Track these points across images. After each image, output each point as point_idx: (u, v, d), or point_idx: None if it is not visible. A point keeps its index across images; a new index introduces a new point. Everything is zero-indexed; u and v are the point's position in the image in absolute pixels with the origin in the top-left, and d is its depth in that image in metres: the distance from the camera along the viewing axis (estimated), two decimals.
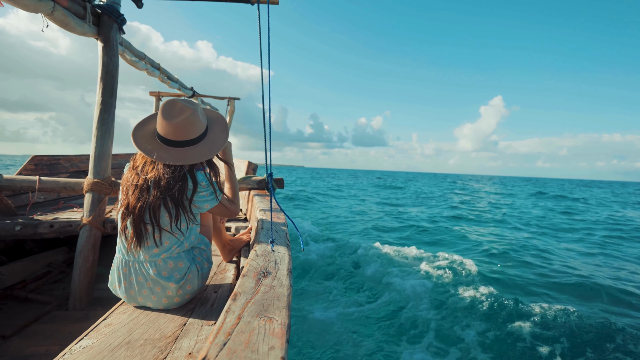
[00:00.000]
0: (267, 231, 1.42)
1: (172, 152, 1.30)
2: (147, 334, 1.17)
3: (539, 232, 11.78)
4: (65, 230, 2.49)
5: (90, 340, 1.12)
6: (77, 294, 2.20)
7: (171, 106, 1.30)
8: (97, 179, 2.35)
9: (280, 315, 0.73)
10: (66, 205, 3.39)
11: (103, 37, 2.38)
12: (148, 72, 3.42)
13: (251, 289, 0.85)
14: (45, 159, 3.99)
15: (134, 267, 1.30)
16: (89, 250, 2.29)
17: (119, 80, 2.47)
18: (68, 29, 2.08)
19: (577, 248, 9.25)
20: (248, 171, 3.64)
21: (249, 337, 0.63)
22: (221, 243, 1.85)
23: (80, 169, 4.50)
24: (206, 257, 1.47)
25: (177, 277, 1.31)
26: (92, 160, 2.37)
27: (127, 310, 1.36)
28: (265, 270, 0.99)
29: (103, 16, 2.36)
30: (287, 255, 1.16)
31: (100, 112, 2.36)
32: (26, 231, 2.42)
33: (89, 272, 2.25)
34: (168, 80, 4.02)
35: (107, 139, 2.39)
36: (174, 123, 1.29)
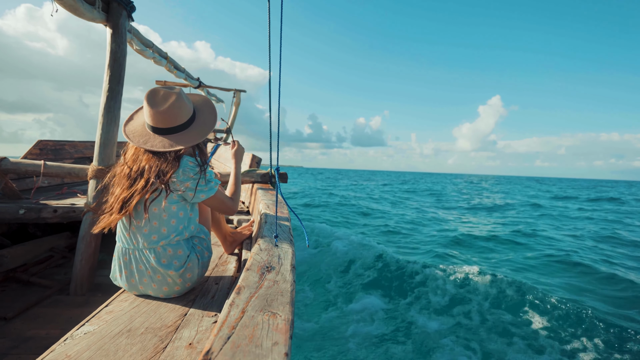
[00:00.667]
0: (271, 225, 1.42)
1: (163, 139, 1.31)
2: (148, 322, 1.18)
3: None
4: (68, 215, 2.50)
5: (92, 327, 1.13)
6: (78, 280, 2.21)
7: (154, 95, 1.31)
8: (102, 166, 2.36)
9: (284, 311, 0.73)
10: (70, 190, 3.40)
11: (112, 24, 2.37)
12: (155, 61, 3.41)
13: (255, 283, 0.85)
14: (50, 144, 4.00)
15: (134, 255, 1.31)
16: (91, 237, 2.30)
17: (125, 81, 2.47)
18: (77, 14, 2.07)
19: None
20: (252, 164, 3.64)
21: (253, 331, 0.63)
22: (222, 235, 1.86)
23: (84, 155, 4.51)
24: (206, 246, 1.48)
25: (177, 264, 1.31)
26: (98, 147, 2.37)
27: (128, 297, 1.37)
28: (269, 264, 0.99)
29: (112, 3, 2.35)
30: (290, 250, 1.16)
31: (107, 99, 2.36)
32: (30, 215, 2.44)
33: (90, 258, 2.27)
34: (175, 69, 4.01)
35: (112, 126, 2.39)
36: (161, 110, 1.30)
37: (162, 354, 1.00)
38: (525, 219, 15.02)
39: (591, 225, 13.49)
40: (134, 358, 0.97)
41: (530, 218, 15.40)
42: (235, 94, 6.03)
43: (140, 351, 1.01)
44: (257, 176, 2.82)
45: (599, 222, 14.70)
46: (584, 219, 15.72)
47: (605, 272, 6.73)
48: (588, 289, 6.05)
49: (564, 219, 15.42)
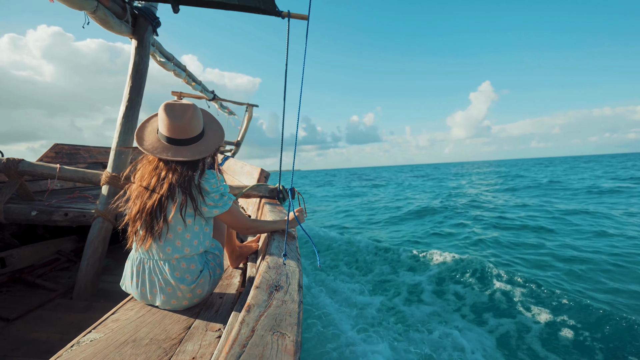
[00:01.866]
0: (279, 242, 1.43)
1: (180, 149, 1.35)
2: (153, 333, 1.18)
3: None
4: (78, 220, 2.54)
5: (98, 334, 1.13)
6: (82, 284, 2.23)
7: (172, 108, 1.35)
8: (115, 173, 2.41)
9: (292, 331, 0.73)
10: (81, 195, 3.46)
11: (137, 37, 2.47)
12: (175, 74, 3.52)
13: (264, 302, 0.86)
14: (66, 147, 4.09)
15: (148, 265, 1.32)
16: (99, 242, 2.33)
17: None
18: (107, 27, 2.17)
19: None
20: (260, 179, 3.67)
21: (263, 351, 0.64)
22: (230, 249, 1.87)
23: (97, 160, 4.60)
24: (219, 262, 1.49)
25: (189, 279, 1.32)
26: (113, 154, 2.43)
27: (134, 306, 1.38)
28: (277, 283, 1.00)
29: (140, 17, 2.46)
30: (297, 270, 1.17)
31: (127, 108, 2.43)
32: (41, 217, 2.48)
33: (96, 264, 2.29)
34: (192, 82, 4.13)
35: (129, 134, 2.45)
36: (181, 123, 1.34)
37: None
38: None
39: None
40: None
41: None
42: (247, 108, 6.15)
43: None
44: (265, 191, 2.85)
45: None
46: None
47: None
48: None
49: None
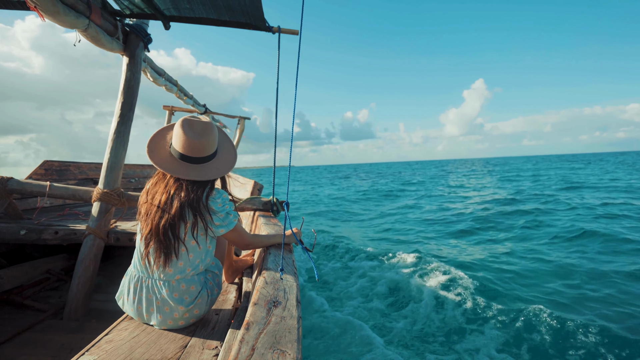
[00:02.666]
0: (275, 257, 1.42)
1: (192, 168, 1.34)
2: (149, 354, 1.16)
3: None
4: (69, 237, 2.49)
5: (92, 357, 1.11)
6: (73, 304, 2.17)
7: (190, 124, 1.34)
8: (107, 189, 2.38)
9: (292, 348, 0.73)
10: (71, 212, 3.40)
11: (129, 53, 2.48)
12: (167, 88, 3.53)
13: (263, 318, 0.86)
14: (55, 164, 4.04)
15: (146, 284, 1.30)
16: (90, 260, 2.28)
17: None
18: (98, 45, 2.17)
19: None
20: (254, 191, 3.66)
21: None
22: (227, 264, 1.85)
23: (88, 177, 4.54)
24: (217, 282, 1.47)
25: (187, 300, 1.30)
26: (104, 170, 2.41)
27: (128, 326, 1.35)
28: (275, 299, 1.00)
29: (131, 34, 2.47)
30: (295, 284, 1.16)
31: (118, 124, 2.42)
32: (31, 236, 2.43)
33: (88, 282, 2.24)
34: (184, 96, 4.13)
35: (121, 150, 2.44)
36: (199, 141, 1.33)
37: None
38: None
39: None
40: None
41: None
42: (239, 121, 6.16)
43: None
44: (258, 204, 2.84)
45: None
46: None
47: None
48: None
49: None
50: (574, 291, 5.13)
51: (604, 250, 6.96)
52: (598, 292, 5.01)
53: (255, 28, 2.33)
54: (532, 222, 9.84)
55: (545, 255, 6.83)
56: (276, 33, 2.15)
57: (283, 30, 2.14)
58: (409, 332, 4.26)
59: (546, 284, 5.47)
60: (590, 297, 4.85)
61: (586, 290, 5.10)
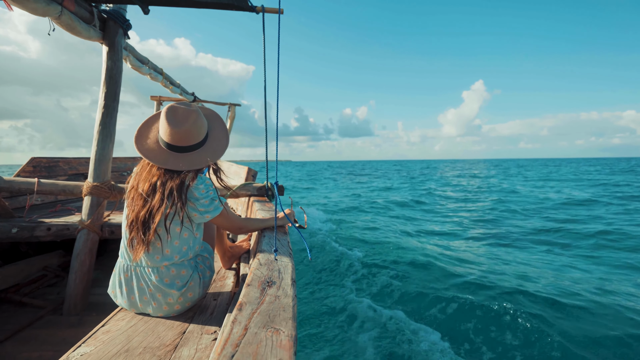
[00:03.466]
0: (270, 239, 1.41)
1: (181, 157, 1.30)
2: (146, 342, 1.16)
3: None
4: (62, 233, 2.46)
5: (88, 348, 1.10)
6: (72, 299, 2.17)
7: (174, 113, 1.30)
8: (97, 183, 2.34)
9: (286, 326, 0.72)
10: (64, 208, 3.36)
11: (108, 42, 2.39)
12: (151, 77, 3.43)
13: (256, 299, 0.85)
14: (44, 161, 3.97)
15: (135, 273, 1.29)
16: (85, 254, 2.27)
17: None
18: (74, 33, 2.09)
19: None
20: (248, 177, 3.63)
21: (257, 349, 0.63)
22: (222, 250, 1.84)
23: (78, 172, 4.47)
24: (208, 265, 1.46)
25: (179, 284, 1.29)
26: (93, 163, 2.36)
27: (125, 316, 1.34)
28: (269, 279, 0.98)
29: (109, 21, 2.38)
30: (290, 264, 1.15)
31: (103, 115, 2.36)
32: (23, 234, 2.40)
33: (85, 277, 2.23)
34: (170, 85, 4.03)
35: (108, 142, 2.38)
36: (182, 130, 1.29)
37: None
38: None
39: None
40: None
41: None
42: (230, 108, 6.06)
43: None
44: (253, 189, 2.82)
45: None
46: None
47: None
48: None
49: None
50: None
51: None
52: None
53: (237, 9, 2.25)
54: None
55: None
56: (260, 13, 2.07)
57: (267, 10, 2.06)
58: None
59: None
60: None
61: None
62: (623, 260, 6.23)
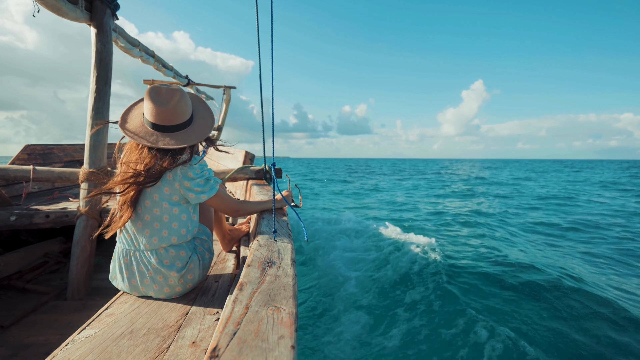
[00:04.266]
0: (269, 221, 1.41)
1: (164, 136, 1.29)
2: (150, 323, 1.17)
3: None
4: (61, 220, 2.46)
5: (93, 330, 1.12)
6: (75, 284, 2.19)
7: (158, 92, 1.28)
8: (93, 169, 2.32)
9: (287, 304, 0.73)
10: (61, 195, 3.35)
11: (96, 23, 2.32)
12: (142, 60, 3.35)
13: (256, 278, 0.85)
14: (38, 148, 3.92)
15: (134, 256, 1.30)
16: (86, 241, 2.27)
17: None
18: (60, 14, 2.02)
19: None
20: (245, 161, 3.62)
21: (258, 326, 0.64)
22: (221, 233, 1.85)
23: (74, 158, 4.44)
24: (207, 247, 1.47)
25: (179, 266, 1.30)
26: (88, 149, 2.33)
27: (128, 300, 1.36)
28: (269, 260, 0.99)
29: (96, 1, 2.29)
30: (289, 245, 1.16)
31: (95, 100, 2.31)
32: (21, 221, 2.39)
33: (86, 262, 2.24)
34: (163, 68, 3.95)
35: (102, 128, 2.35)
36: (166, 108, 1.27)
37: (165, 354, 1.00)
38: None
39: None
40: (137, 359, 0.97)
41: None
42: (225, 91, 5.97)
43: (143, 352, 1.00)
44: (251, 172, 2.81)
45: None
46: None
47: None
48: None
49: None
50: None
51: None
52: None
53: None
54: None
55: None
56: None
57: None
58: None
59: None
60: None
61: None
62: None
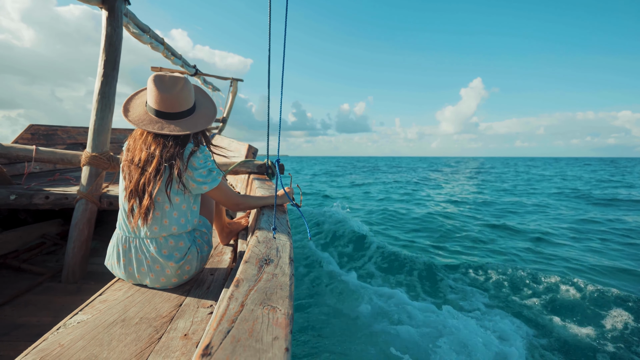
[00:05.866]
0: (268, 217, 1.40)
1: (171, 124, 1.29)
2: (143, 312, 1.17)
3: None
4: (60, 202, 2.46)
5: (85, 316, 1.11)
6: (70, 267, 2.19)
7: (161, 79, 1.28)
8: (96, 153, 2.31)
9: (283, 304, 0.72)
10: (62, 177, 3.35)
11: (108, 7, 2.30)
12: (152, 47, 3.34)
13: (254, 276, 0.84)
14: (42, 128, 3.92)
15: (134, 244, 1.29)
16: (84, 224, 2.27)
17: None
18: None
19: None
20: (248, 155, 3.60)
21: (253, 325, 0.62)
22: (220, 226, 1.84)
23: (77, 141, 4.43)
24: (207, 239, 1.46)
25: (177, 256, 1.30)
26: (91, 133, 2.33)
27: (122, 287, 1.35)
28: (267, 257, 0.98)
29: None
30: (288, 243, 1.15)
31: (102, 84, 2.30)
32: (21, 201, 2.39)
33: (83, 246, 2.24)
34: (172, 56, 3.93)
35: (107, 112, 2.34)
36: (171, 95, 1.27)
37: (156, 345, 0.99)
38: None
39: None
40: (128, 348, 0.96)
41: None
42: (232, 83, 5.95)
43: (134, 341, 1.00)
44: (253, 167, 2.79)
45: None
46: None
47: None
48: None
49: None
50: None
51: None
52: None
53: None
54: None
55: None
56: None
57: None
58: None
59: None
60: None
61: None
62: None
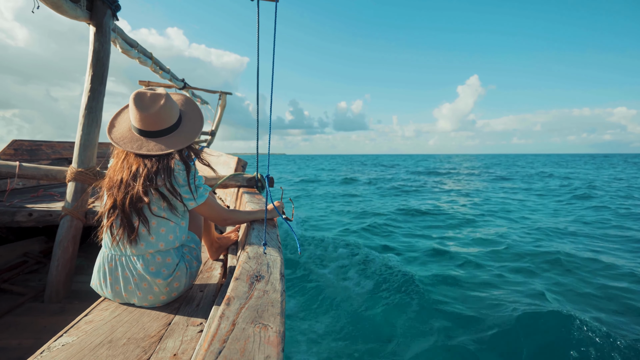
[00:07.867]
0: (259, 232, 1.40)
1: (151, 142, 1.28)
2: (130, 332, 1.14)
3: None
4: (44, 219, 2.40)
5: (70, 338, 1.08)
6: (54, 286, 2.12)
7: (142, 97, 1.28)
8: (82, 168, 2.28)
9: (275, 322, 0.72)
10: (46, 193, 3.27)
11: (96, 22, 2.30)
12: (140, 61, 3.34)
13: (244, 293, 0.84)
14: (25, 144, 3.84)
15: (120, 262, 1.27)
16: (69, 242, 2.21)
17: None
18: (59, 12, 2.01)
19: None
20: (237, 168, 3.59)
21: (245, 345, 0.62)
22: (209, 241, 1.83)
23: (62, 156, 4.35)
24: (195, 255, 1.45)
25: (165, 273, 1.28)
26: (77, 148, 2.29)
27: (109, 306, 1.32)
28: (258, 273, 0.98)
29: (97, 1, 2.28)
30: (279, 258, 1.15)
31: (89, 99, 2.29)
32: (3, 218, 2.32)
33: (67, 264, 2.18)
34: (160, 70, 3.94)
35: (94, 127, 2.31)
36: (150, 114, 1.26)
37: None
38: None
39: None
40: None
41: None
42: (220, 96, 5.96)
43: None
44: (242, 180, 2.79)
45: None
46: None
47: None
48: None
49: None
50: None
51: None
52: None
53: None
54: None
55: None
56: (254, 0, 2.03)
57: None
58: None
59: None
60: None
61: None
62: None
